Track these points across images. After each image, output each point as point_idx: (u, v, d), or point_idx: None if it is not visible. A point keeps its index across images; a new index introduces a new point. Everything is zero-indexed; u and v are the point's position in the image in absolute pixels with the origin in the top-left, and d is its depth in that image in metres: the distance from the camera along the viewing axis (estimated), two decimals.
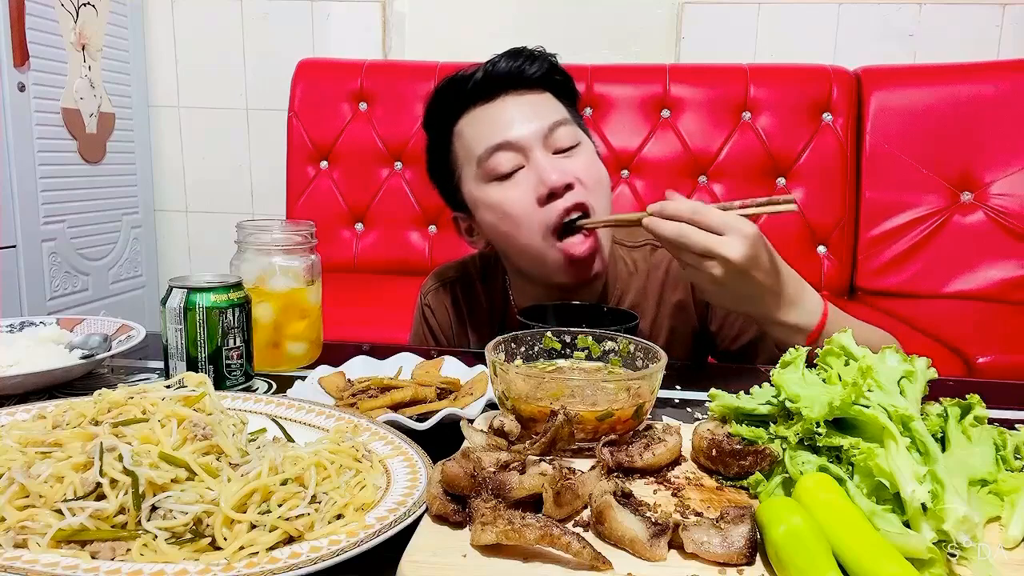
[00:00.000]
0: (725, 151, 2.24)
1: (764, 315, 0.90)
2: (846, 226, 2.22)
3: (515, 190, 0.96)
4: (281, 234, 0.94)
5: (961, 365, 1.61)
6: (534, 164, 0.95)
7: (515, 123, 0.96)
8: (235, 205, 2.70)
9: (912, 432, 0.51)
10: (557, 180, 0.93)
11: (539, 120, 0.96)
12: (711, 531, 0.47)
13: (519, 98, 0.98)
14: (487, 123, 0.98)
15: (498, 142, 0.95)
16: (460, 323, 1.16)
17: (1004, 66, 2.22)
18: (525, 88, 0.99)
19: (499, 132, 0.96)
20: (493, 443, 0.61)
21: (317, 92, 2.37)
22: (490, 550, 0.46)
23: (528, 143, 0.95)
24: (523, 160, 0.96)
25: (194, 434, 0.55)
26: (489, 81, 0.98)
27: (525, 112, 0.96)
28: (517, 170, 0.96)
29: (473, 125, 0.99)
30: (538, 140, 0.95)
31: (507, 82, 0.98)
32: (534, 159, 0.95)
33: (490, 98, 0.98)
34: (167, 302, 0.81)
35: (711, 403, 0.65)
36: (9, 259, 1.99)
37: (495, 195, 0.97)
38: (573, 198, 0.94)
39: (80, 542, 0.47)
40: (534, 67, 0.98)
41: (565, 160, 0.96)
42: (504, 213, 0.96)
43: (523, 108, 0.97)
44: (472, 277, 1.18)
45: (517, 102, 0.98)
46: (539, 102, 0.99)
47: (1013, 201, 2.11)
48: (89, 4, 2.24)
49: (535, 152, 0.95)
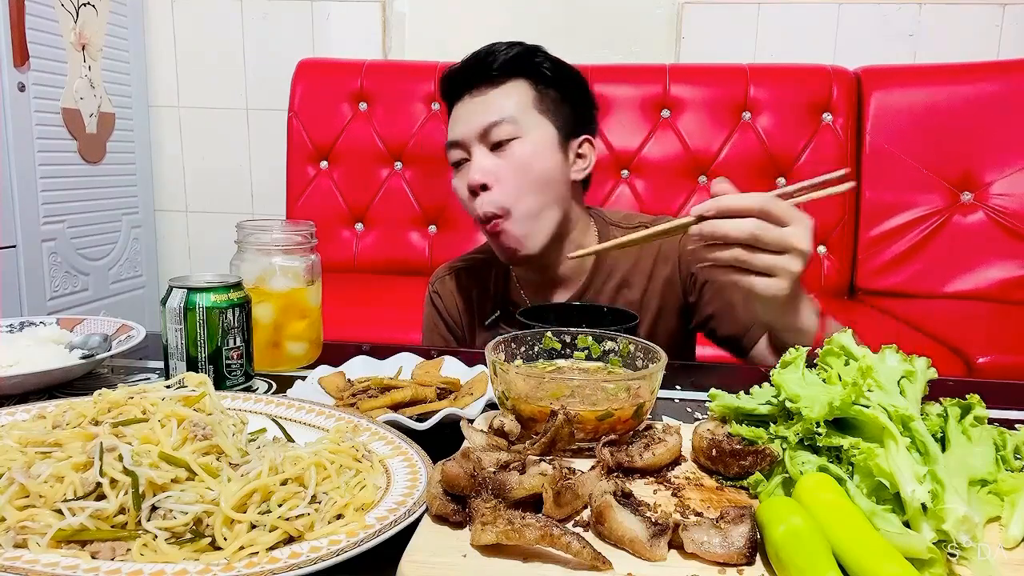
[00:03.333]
0: (725, 151, 2.24)
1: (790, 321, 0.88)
2: (846, 226, 2.22)
3: (460, 181, 1.09)
4: (281, 234, 0.94)
5: (961, 365, 1.61)
6: (472, 161, 1.05)
7: (459, 124, 1.08)
8: (235, 205, 2.70)
9: (912, 432, 0.51)
10: (476, 180, 1.03)
11: (478, 119, 1.05)
12: (711, 531, 0.47)
13: (474, 97, 1.07)
14: (454, 120, 1.10)
15: (451, 139, 1.08)
16: (467, 305, 1.23)
17: (1004, 66, 2.22)
18: (493, 82, 1.06)
19: (454, 130, 1.08)
20: (493, 443, 0.61)
21: (317, 92, 2.37)
22: (490, 550, 0.46)
23: (467, 140, 1.06)
24: (466, 155, 1.07)
25: (194, 434, 0.55)
26: (460, 80, 1.09)
27: (471, 111, 1.06)
28: (463, 162, 1.08)
29: (452, 121, 1.11)
30: (475, 138, 1.05)
31: (474, 78, 1.07)
32: (473, 155, 1.05)
33: (464, 94, 1.08)
34: (167, 302, 0.81)
35: (711, 403, 0.65)
36: (9, 259, 1.99)
37: (455, 182, 1.11)
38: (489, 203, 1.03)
39: (80, 542, 0.47)
40: (497, 59, 1.05)
41: (493, 159, 1.05)
42: (458, 197, 1.11)
43: (471, 107, 1.07)
44: (478, 264, 1.26)
45: (471, 101, 1.07)
46: (490, 99, 1.06)
47: (1013, 201, 2.11)
48: (89, 4, 2.24)
49: (473, 148, 1.05)
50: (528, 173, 1.03)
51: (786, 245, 0.78)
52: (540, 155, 1.05)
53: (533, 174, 1.04)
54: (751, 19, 2.41)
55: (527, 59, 1.07)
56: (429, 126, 2.33)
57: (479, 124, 1.04)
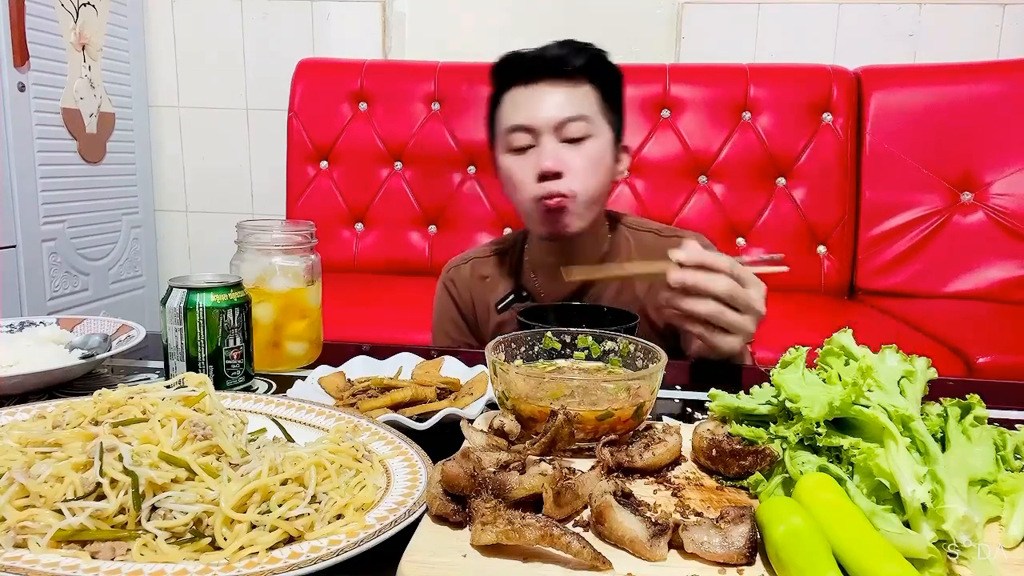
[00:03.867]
0: (725, 151, 2.24)
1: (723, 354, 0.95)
2: (846, 226, 2.22)
3: (522, 164, 1.12)
4: (281, 234, 0.94)
5: (961, 365, 1.61)
6: (541, 147, 1.10)
7: (537, 110, 1.11)
8: (235, 205, 2.70)
9: (912, 432, 0.51)
10: (549, 167, 1.08)
11: (557, 111, 1.10)
12: (711, 531, 0.47)
13: (551, 88, 1.11)
14: (519, 105, 1.13)
15: (518, 124, 1.11)
16: (480, 292, 1.29)
17: (1004, 66, 2.21)
18: (564, 77, 1.11)
19: (522, 115, 1.11)
20: (493, 443, 0.61)
21: (317, 92, 2.37)
22: (490, 550, 0.46)
23: (541, 129, 1.10)
24: (535, 141, 1.11)
25: (194, 434, 0.55)
26: (533, 66, 1.12)
27: (549, 102, 1.11)
28: (528, 148, 1.12)
29: (510, 103, 1.14)
30: (549, 128, 1.10)
31: (548, 69, 1.11)
32: (542, 143, 1.10)
33: (530, 82, 1.12)
34: (167, 302, 0.81)
35: (711, 403, 0.65)
36: (9, 259, 1.99)
37: (508, 163, 1.14)
38: (559, 186, 1.09)
39: (80, 542, 0.47)
40: (575, 59, 1.11)
41: (567, 150, 1.10)
42: (508, 178, 1.15)
43: (550, 97, 1.11)
44: (491, 255, 1.32)
45: (548, 91, 1.11)
46: (569, 94, 1.11)
47: (1013, 201, 2.11)
48: (89, 4, 2.24)
49: (544, 137, 1.10)
50: (597, 170, 1.12)
51: (750, 307, 0.87)
52: (605, 156, 1.14)
53: (599, 172, 1.12)
54: (751, 19, 2.41)
55: (598, 64, 1.14)
56: (429, 126, 2.33)
57: (556, 116, 1.09)
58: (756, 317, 0.89)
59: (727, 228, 2.24)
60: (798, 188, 2.22)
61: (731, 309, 0.86)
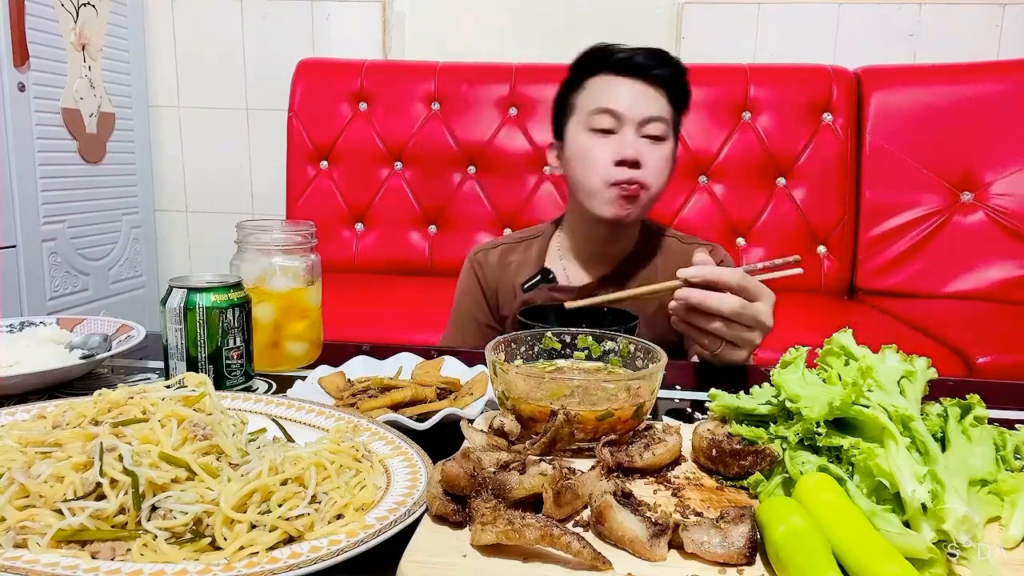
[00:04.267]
0: (725, 151, 2.24)
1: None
2: (846, 226, 2.22)
3: (602, 146, 1.18)
4: (281, 234, 0.94)
5: (961, 365, 1.61)
6: (623, 135, 1.17)
7: (626, 100, 1.18)
8: (235, 205, 2.70)
9: (912, 432, 0.51)
10: (630, 155, 1.15)
11: (643, 107, 1.17)
12: (711, 531, 0.47)
13: (640, 85, 1.19)
14: (608, 90, 1.19)
15: (608, 107, 1.18)
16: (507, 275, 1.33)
17: (1004, 66, 2.21)
18: (649, 81, 1.19)
19: (612, 100, 1.18)
20: (493, 443, 0.61)
21: (317, 92, 2.37)
22: (490, 550, 0.46)
23: (626, 117, 1.17)
24: (616, 127, 1.18)
25: (194, 434, 0.55)
26: (625, 63, 1.19)
27: (637, 96, 1.18)
28: (610, 132, 1.18)
29: (599, 86, 1.21)
30: (634, 120, 1.17)
31: (638, 70, 1.19)
32: (625, 131, 1.17)
33: (620, 74, 1.20)
34: (167, 302, 0.81)
35: (711, 403, 0.65)
36: (9, 259, 1.99)
37: (586, 141, 1.20)
38: (635, 175, 1.16)
39: (80, 542, 0.47)
40: (661, 70, 1.19)
41: (645, 145, 1.18)
42: (583, 156, 1.20)
43: (638, 92, 1.19)
44: (518, 242, 1.38)
45: (636, 86, 1.19)
46: (652, 95, 1.19)
47: (1013, 201, 2.11)
48: (89, 4, 2.24)
49: (627, 127, 1.17)
50: (666, 170, 1.21)
51: (758, 322, 0.89)
52: (671, 161, 1.22)
53: (665, 170, 1.21)
54: (751, 19, 2.41)
55: (680, 78, 1.22)
56: (429, 126, 2.33)
57: (645, 111, 1.17)
58: (763, 331, 0.91)
59: (727, 228, 2.24)
60: (798, 188, 2.22)
61: (738, 325, 0.88)
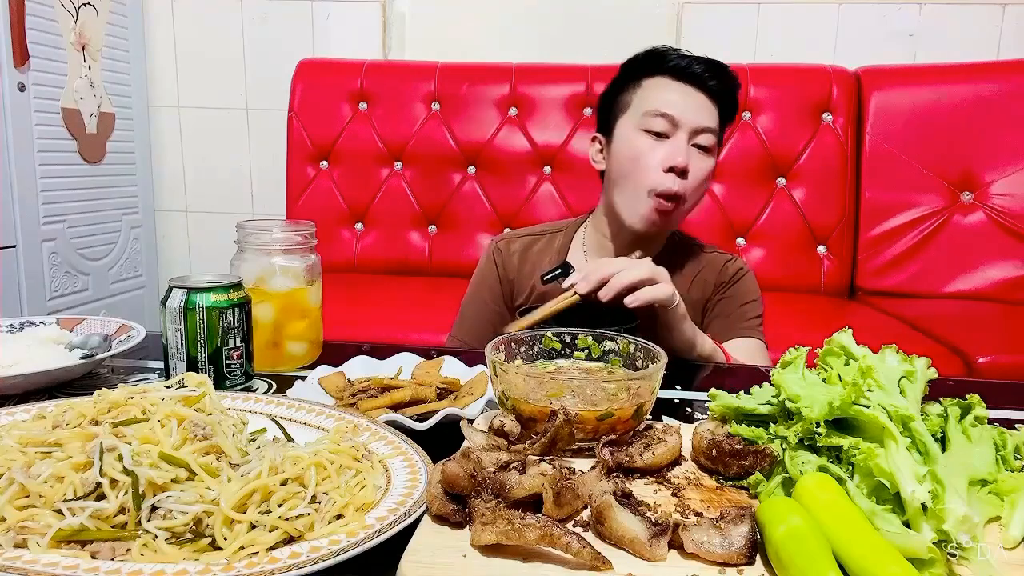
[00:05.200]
0: (725, 151, 2.23)
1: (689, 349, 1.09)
2: (846, 226, 2.22)
3: (654, 149, 1.18)
4: (281, 234, 0.94)
5: (961, 365, 1.61)
6: (676, 140, 1.18)
7: (685, 106, 1.19)
8: (235, 205, 2.69)
9: (912, 432, 0.51)
10: (682, 162, 1.16)
11: (700, 117, 1.19)
12: (711, 531, 0.47)
13: (696, 93, 1.20)
14: (668, 93, 1.20)
15: (665, 111, 1.18)
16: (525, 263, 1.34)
17: (1004, 66, 2.21)
18: (705, 91, 1.20)
19: (670, 105, 1.18)
20: (493, 443, 0.61)
21: (317, 92, 2.37)
22: (490, 550, 0.46)
23: (682, 124, 1.18)
24: (672, 132, 1.18)
25: (194, 434, 0.55)
26: (684, 69, 1.20)
27: (696, 105, 1.19)
28: (663, 136, 1.18)
29: (656, 88, 1.21)
30: (688, 127, 1.18)
31: (695, 78, 1.20)
32: (678, 137, 1.18)
33: (680, 79, 1.20)
34: (167, 302, 0.81)
35: (711, 403, 0.65)
36: (9, 259, 1.99)
37: (638, 142, 1.20)
38: (680, 185, 1.17)
39: (80, 542, 0.47)
40: (718, 83, 1.20)
41: (695, 154, 1.19)
42: (634, 156, 1.20)
43: (695, 101, 1.20)
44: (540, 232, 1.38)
45: (693, 94, 1.20)
46: (706, 106, 1.21)
47: (1013, 201, 2.11)
48: (89, 4, 2.24)
49: (681, 133, 1.18)
50: (706, 183, 1.22)
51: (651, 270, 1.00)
52: (708, 176, 1.22)
53: (705, 184, 1.22)
54: (751, 19, 2.41)
55: (733, 93, 1.23)
56: (429, 126, 2.33)
57: (700, 121, 1.18)
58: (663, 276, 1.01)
59: (727, 228, 2.24)
60: (798, 188, 2.22)
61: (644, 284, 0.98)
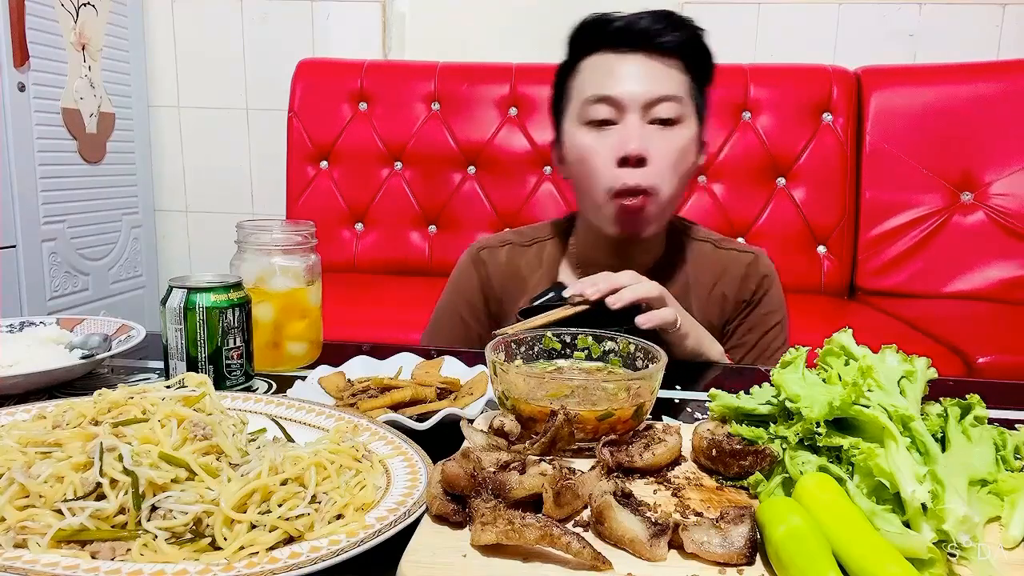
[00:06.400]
0: (725, 151, 2.24)
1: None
2: (846, 226, 2.22)
3: (601, 143, 1.00)
4: (281, 234, 0.94)
5: (961, 365, 1.61)
6: (625, 125, 0.98)
7: (626, 82, 0.99)
8: (235, 205, 2.70)
9: (912, 432, 0.51)
10: (634, 150, 0.96)
11: (648, 87, 0.98)
12: (711, 531, 0.47)
13: (644, 60, 1.00)
14: (604, 72, 1.01)
15: (602, 94, 0.99)
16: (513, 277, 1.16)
17: (1004, 66, 2.21)
18: (657, 52, 1.00)
19: (609, 85, 0.99)
20: (493, 443, 0.61)
21: (317, 92, 2.37)
22: (490, 550, 0.46)
23: (627, 104, 0.98)
24: (617, 117, 0.99)
25: (194, 434, 0.55)
26: (623, 34, 1.00)
27: (640, 75, 0.99)
28: (610, 124, 1.00)
29: (593, 69, 1.02)
30: (638, 105, 0.98)
31: (640, 41, 1.00)
32: (627, 121, 0.98)
33: (618, 50, 1.01)
34: (167, 302, 0.81)
35: (711, 403, 0.65)
36: (9, 259, 1.99)
37: (584, 140, 1.01)
38: (640, 178, 0.98)
39: (80, 542, 0.47)
40: (672, 35, 1.00)
41: (654, 133, 0.99)
42: (584, 158, 1.01)
43: (640, 70, 0.99)
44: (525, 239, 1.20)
45: (639, 63, 1.00)
46: (661, 71, 1.00)
47: (1013, 201, 2.11)
48: (89, 4, 2.24)
49: (630, 115, 0.98)
50: (682, 161, 1.01)
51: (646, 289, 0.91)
52: (691, 147, 1.02)
53: (684, 163, 1.02)
54: (751, 19, 2.41)
55: (697, 44, 1.03)
56: (429, 126, 2.33)
57: (650, 92, 0.98)
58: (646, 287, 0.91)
59: (727, 228, 2.24)
60: (798, 188, 2.22)
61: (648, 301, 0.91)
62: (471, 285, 1.17)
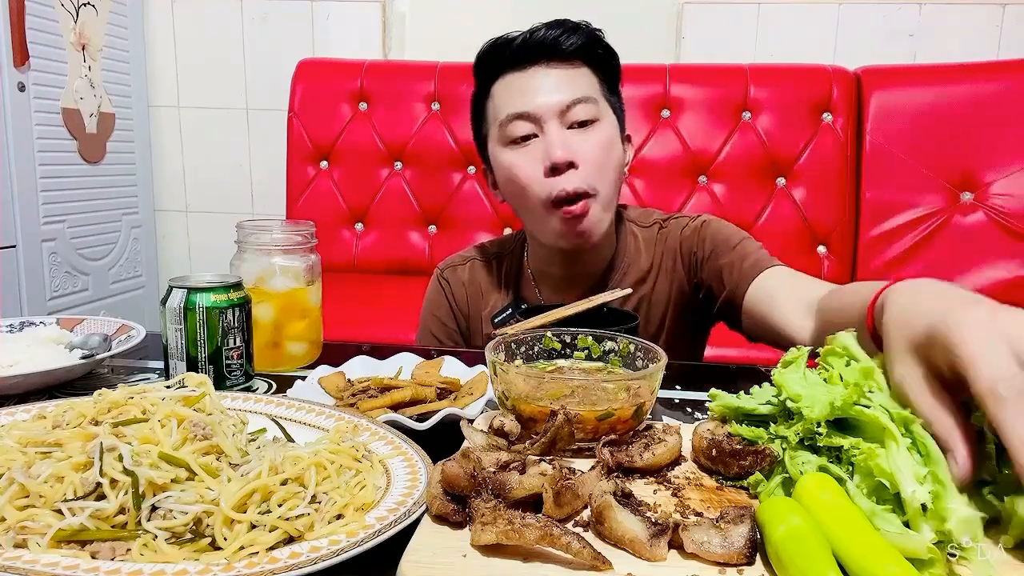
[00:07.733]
0: (725, 151, 2.24)
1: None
2: (846, 226, 2.22)
3: (526, 158, 1.01)
4: (281, 234, 0.94)
5: None
6: (546, 136, 1.00)
7: (537, 94, 1.01)
8: (235, 205, 2.70)
9: (913, 434, 0.51)
10: (560, 156, 0.97)
11: (559, 94, 1.00)
12: (711, 531, 0.47)
13: (550, 70, 1.02)
14: (515, 91, 1.03)
15: (517, 111, 1.01)
16: (476, 297, 1.19)
17: (1004, 66, 2.21)
18: (560, 59, 1.02)
19: (521, 102, 1.01)
20: (493, 443, 0.61)
21: (317, 92, 2.37)
22: (490, 550, 0.46)
23: (544, 115, 1.00)
24: (538, 130, 1.01)
25: (194, 434, 0.55)
26: (524, 50, 1.03)
27: (549, 85, 1.01)
28: (531, 138, 1.01)
29: (504, 90, 1.04)
30: (554, 114, 1.00)
31: (542, 52, 1.02)
32: (547, 131, 1.00)
33: (523, 66, 1.03)
34: (167, 302, 0.81)
35: (711, 403, 0.65)
36: (9, 259, 1.99)
37: (508, 158, 1.03)
38: (575, 180, 0.98)
39: (80, 542, 0.47)
40: (571, 39, 1.02)
41: (576, 136, 1.00)
42: (513, 176, 1.02)
43: (549, 80, 1.01)
44: (490, 258, 1.23)
45: (547, 74, 1.02)
46: (569, 75, 1.02)
47: (1013, 201, 2.11)
48: (89, 4, 2.24)
49: (549, 124, 1.00)
50: (609, 157, 1.02)
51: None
52: (615, 142, 1.04)
53: (612, 160, 1.02)
54: (751, 19, 2.41)
55: (596, 45, 1.06)
56: (429, 126, 2.33)
57: (560, 100, 1.00)
58: None
59: None
60: (798, 188, 2.22)
61: None
62: (440, 304, 1.22)
